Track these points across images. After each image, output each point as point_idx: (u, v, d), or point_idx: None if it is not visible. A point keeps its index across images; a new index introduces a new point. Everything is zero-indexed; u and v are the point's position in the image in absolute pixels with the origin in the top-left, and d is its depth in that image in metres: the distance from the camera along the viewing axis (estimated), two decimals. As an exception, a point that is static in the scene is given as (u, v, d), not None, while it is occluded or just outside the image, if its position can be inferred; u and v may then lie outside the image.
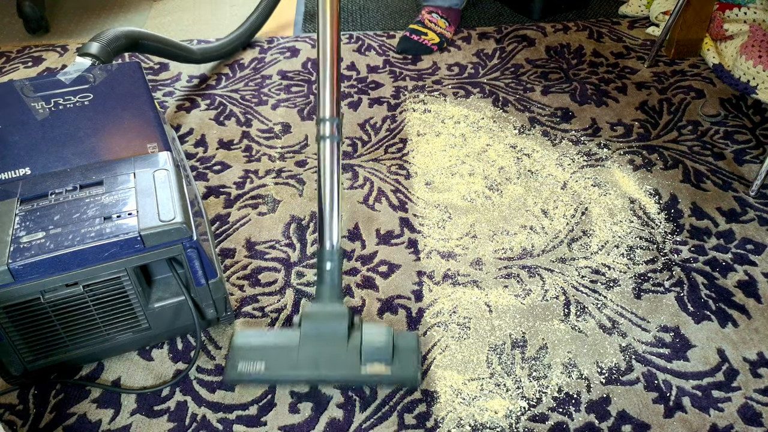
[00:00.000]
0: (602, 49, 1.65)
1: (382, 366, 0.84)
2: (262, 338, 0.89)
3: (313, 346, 0.85)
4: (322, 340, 0.85)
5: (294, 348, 0.85)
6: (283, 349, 0.85)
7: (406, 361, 0.85)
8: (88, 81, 1.08)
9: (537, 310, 1.02)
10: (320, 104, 0.95)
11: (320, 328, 0.86)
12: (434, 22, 1.66)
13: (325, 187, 0.92)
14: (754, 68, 1.42)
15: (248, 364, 0.85)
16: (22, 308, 0.82)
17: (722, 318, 1.00)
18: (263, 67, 1.60)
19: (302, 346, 0.85)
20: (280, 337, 0.88)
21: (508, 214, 1.19)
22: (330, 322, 0.86)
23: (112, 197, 0.85)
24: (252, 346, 0.86)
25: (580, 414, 0.88)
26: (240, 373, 0.84)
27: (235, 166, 1.31)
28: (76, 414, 0.89)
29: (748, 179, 1.25)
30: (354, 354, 0.84)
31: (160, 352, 0.97)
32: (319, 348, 0.85)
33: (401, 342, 0.86)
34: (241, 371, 0.84)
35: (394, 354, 0.85)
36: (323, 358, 0.84)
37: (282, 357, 0.85)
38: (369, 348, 0.84)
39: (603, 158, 1.31)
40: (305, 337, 0.85)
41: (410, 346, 0.87)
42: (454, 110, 1.45)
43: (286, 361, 0.85)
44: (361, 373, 0.84)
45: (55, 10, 1.89)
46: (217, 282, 0.91)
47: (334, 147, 0.94)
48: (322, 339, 0.85)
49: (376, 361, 0.84)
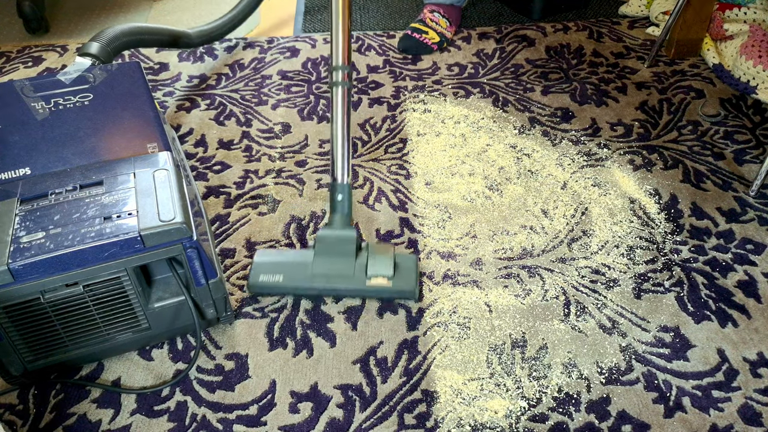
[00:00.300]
0: (602, 49, 1.65)
1: (385, 279, 0.98)
2: (281, 256, 1.03)
3: (324, 262, 0.99)
4: (333, 258, 0.99)
5: (308, 264, 0.99)
6: (298, 265, 0.99)
7: (406, 276, 0.99)
8: (88, 81, 1.08)
9: (537, 310, 1.02)
10: (333, 53, 1.06)
11: (331, 247, 0.99)
12: (436, 21, 1.66)
13: (337, 128, 1.04)
14: (754, 68, 1.42)
15: (268, 276, 0.99)
16: (22, 308, 0.82)
17: (722, 318, 1.00)
18: (263, 67, 1.61)
19: (315, 263, 0.99)
20: (296, 255, 1.02)
21: (508, 214, 1.19)
22: (340, 243, 0.99)
23: (112, 197, 0.85)
24: (272, 262, 1.01)
25: (580, 414, 0.88)
26: (261, 283, 0.99)
27: (235, 166, 1.31)
28: (76, 414, 0.89)
29: (748, 179, 1.25)
30: (360, 269, 0.98)
31: (160, 352, 0.97)
32: (330, 264, 0.99)
33: (402, 261, 1.01)
34: (262, 282, 0.99)
35: (396, 270, 0.99)
36: (333, 272, 0.98)
37: (298, 271, 0.99)
38: (374, 264, 0.98)
39: (603, 158, 1.31)
40: (318, 255, 0.99)
41: (410, 264, 1.01)
42: (454, 110, 1.45)
43: (301, 274, 0.99)
44: (366, 286, 0.98)
45: (55, 10, 1.89)
46: (217, 282, 0.91)
47: (345, 92, 1.04)
48: (333, 256, 0.99)
49: (379, 276, 0.97)
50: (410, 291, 0.99)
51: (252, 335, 0.99)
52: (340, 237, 1.00)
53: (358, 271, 0.98)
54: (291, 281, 0.99)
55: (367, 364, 0.95)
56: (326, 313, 1.02)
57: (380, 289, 0.98)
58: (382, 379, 0.93)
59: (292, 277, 0.99)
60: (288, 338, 0.98)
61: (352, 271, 0.98)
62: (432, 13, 1.68)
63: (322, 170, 1.29)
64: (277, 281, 0.99)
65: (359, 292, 1.01)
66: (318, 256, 0.99)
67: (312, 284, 0.99)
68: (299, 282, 0.99)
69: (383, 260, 0.98)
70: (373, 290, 0.99)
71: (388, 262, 0.98)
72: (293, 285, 0.99)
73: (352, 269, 0.98)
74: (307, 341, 0.98)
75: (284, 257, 1.02)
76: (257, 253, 1.03)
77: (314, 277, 0.98)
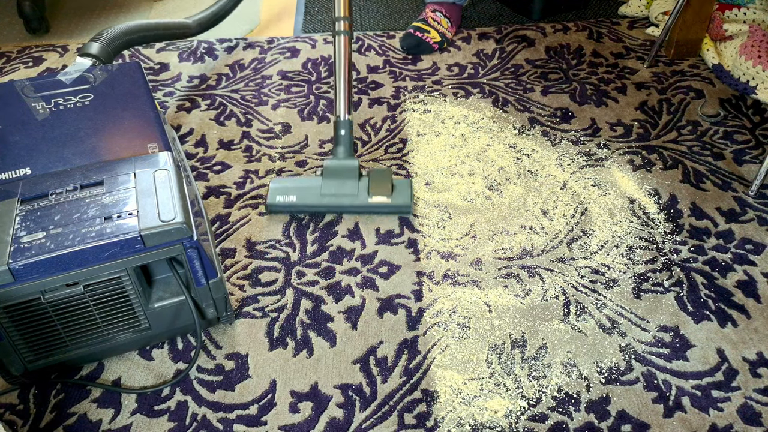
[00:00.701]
0: (602, 49, 1.65)
1: (384, 197, 1.14)
2: (293, 182, 1.18)
3: (332, 184, 1.15)
4: (339, 181, 1.15)
5: (318, 186, 1.15)
6: (309, 188, 1.16)
7: (402, 194, 1.15)
8: (88, 81, 1.08)
9: (537, 310, 1.02)
10: (335, 5, 1.22)
11: (337, 173, 1.15)
12: (437, 21, 1.66)
13: (339, 72, 1.19)
14: (754, 68, 1.42)
15: (283, 197, 1.15)
16: (23, 308, 0.82)
17: (722, 318, 1.00)
18: (263, 68, 1.61)
19: (324, 185, 1.15)
20: (306, 180, 1.18)
21: (508, 214, 1.19)
22: (344, 170, 1.16)
23: (113, 197, 0.86)
24: (286, 186, 1.17)
25: (579, 414, 0.88)
26: (278, 203, 1.15)
27: (235, 166, 1.31)
28: (76, 414, 0.90)
29: (747, 179, 1.25)
30: (363, 189, 1.15)
31: (160, 351, 0.97)
32: (337, 186, 1.15)
33: (398, 183, 1.17)
34: (279, 201, 1.15)
35: (393, 190, 1.15)
36: (340, 192, 1.15)
37: (309, 192, 1.15)
38: (374, 185, 1.15)
39: (602, 158, 1.31)
40: (326, 179, 1.15)
41: (405, 185, 1.17)
42: (454, 110, 1.45)
43: (312, 194, 1.15)
44: (368, 203, 1.14)
45: (55, 10, 1.89)
46: (217, 282, 0.91)
47: (346, 40, 1.21)
48: (339, 180, 1.15)
49: (380, 195, 1.14)
50: (406, 206, 1.15)
51: (252, 335, 0.99)
52: (344, 165, 1.17)
53: (362, 191, 1.15)
54: (303, 200, 1.15)
55: (367, 363, 0.95)
56: (326, 313, 1.02)
57: (381, 205, 1.14)
58: (382, 378, 0.93)
59: (304, 197, 1.15)
60: (288, 338, 0.98)
61: (356, 191, 1.15)
62: (434, 13, 1.68)
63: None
64: (291, 201, 1.14)
65: (363, 208, 1.16)
66: (326, 179, 1.15)
67: (321, 202, 1.15)
68: (310, 201, 1.15)
69: (383, 182, 1.15)
70: (374, 206, 1.15)
71: (387, 183, 1.15)
72: (305, 203, 1.15)
73: (356, 189, 1.15)
74: (307, 341, 0.98)
75: (296, 182, 1.18)
76: (272, 180, 1.19)
77: (323, 197, 1.15)
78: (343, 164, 1.17)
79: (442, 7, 1.70)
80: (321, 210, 1.16)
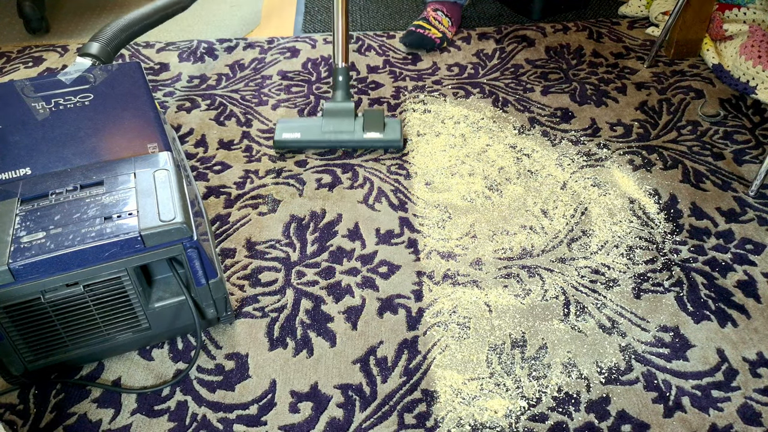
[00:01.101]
0: (602, 49, 1.65)
1: (377, 133, 1.30)
2: (298, 122, 1.33)
3: (331, 123, 1.30)
4: (338, 120, 1.30)
5: (319, 126, 1.31)
6: (311, 126, 1.31)
7: (393, 131, 1.31)
8: (88, 81, 1.08)
9: (537, 310, 1.02)
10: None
11: (336, 114, 1.31)
12: (438, 20, 1.66)
13: (337, 24, 1.32)
14: (754, 68, 1.42)
15: (289, 134, 1.30)
16: (23, 308, 0.82)
17: (722, 318, 1.00)
18: (263, 68, 1.61)
19: (324, 123, 1.31)
20: (309, 120, 1.34)
21: (508, 214, 1.19)
22: (342, 111, 1.31)
23: (113, 197, 0.86)
24: (291, 125, 1.32)
25: (579, 414, 0.88)
26: (284, 139, 1.30)
27: (235, 166, 1.31)
28: (76, 414, 0.90)
29: (747, 179, 1.25)
30: (359, 127, 1.30)
31: (160, 351, 0.97)
32: (336, 124, 1.30)
33: (389, 120, 1.33)
34: (285, 138, 1.30)
35: (385, 126, 1.31)
36: (338, 129, 1.30)
37: (311, 130, 1.31)
38: (368, 122, 1.30)
39: (602, 158, 1.31)
40: (326, 118, 1.31)
41: (396, 124, 1.33)
42: (453, 110, 1.45)
43: (314, 132, 1.31)
44: (363, 138, 1.30)
45: (55, 10, 1.89)
46: (217, 282, 0.91)
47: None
48: (337, 119, 1.30)
49: (373, 131, 1.30)
50: (396, 141, 1.30)
51: (252, 335, 0.99)
52: (342, 107, 1.32)
53: (357, 128, 1.30)
54: (306, 137, 1.30)
55: (367, 363, 0.95)
56: (326, 313, 1.02)
57: (374, 140, 1.30)
58: (382, 378, 0.93)
59: (307, 134, 1.30)
60: (288, 338, 0.98)
61: (353, 128, 1.30)
62: (435, 12, 1.68)
63: (322, 170, 1.29)
64: (296, 137, 1.29)
65: (358, 143, 1.31)
66: (326, 118, 1.30)
67: (323, 138, 1.30)
68: (313, 137, 1.30)
69: (376, 120, 1.30)
70: (368, 141, 1.30)
71: (380, 121, 1.30)
72: (308, 139, 1.30)
73: (353, 127, 1.30)
74: (307, 341, 0.98)
75: (301, 122, 1.33)
76: (279, 120, 1.33)
77: (324, 134, 1.30)
78: (341, 106, 1.31)
79: (444, 6, 1.70)
80: (322, 145, 1.31)
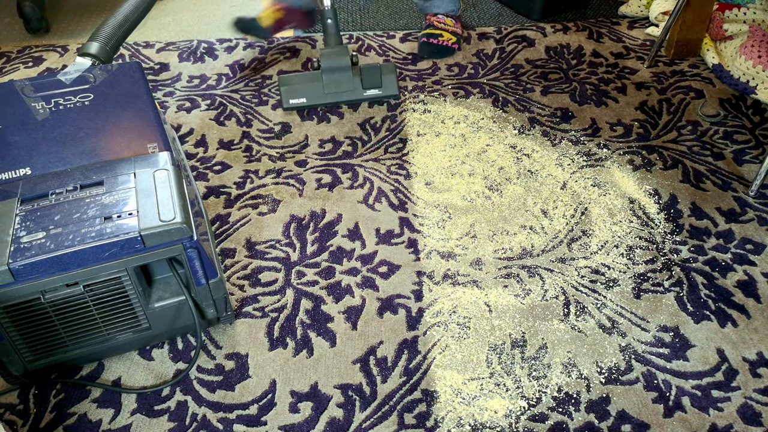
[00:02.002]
0: (602, 49, 1.65)
1: (377, 90, 1.41)
2: (299, 84, 1.40)
3: (332, 82, 1.39)
4: (337, 76, 1.39)
5: (321, 87, 1.40)
6: (314, 88, 1.40)
7: (390, 84, 1.43)
8: (88, 81, 1.08)
9: (537, 310, 1.02)
10: None
11: (334, 69, 1.39)
12: (442, 23, 1.65)
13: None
14: (754, 68, 1.42)
15: (295, 100, 1.41)
16: (23, 308, 0.82)
17: (722, 318, 1.00)
18: (263, 68, 1.61)
19: (325, 85, 1.40)
20: (310, 78, 1.41)
21: (508, 214, 1.19)
22: (340, 67, 1.38)
23: (113, 197, 0.85)
24: (295, 88, 1.40)
25: (579, 414, 0.88)
26: (292, 104, 1.40)
27: (235, 166, 1.31)
28: (76, 414, 0.90)
29: (747, 179, 1.25)
30: (358, 84, 1.41)
31: (160, 351, 0.97)
32: (336, 83, 1.40)
33: (386, 75, 1.42)
34: (292, 103, 1.41)
35: (382, 81, 1.41)
36: (339, 89, 1.41)
37: (314, 92, 1.40)
38: (366, 80, 1.40)
39: (602, 158, 1.31)
40: (326, 75, 1.39)
41: (392, 76, 1.42)
42: (454, 110, 1.45)
43: (317, 94, 1.40)
44: (364, 95, 1.42)
45: (55, 10, 1.89)
46: (217, 282, 0.91)
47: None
48: (336, 75, 1.39)
49: (372, 88, 1.41)
50: (395, 94, 1.44)
51: (252, 335, 0.99)
52: (340, 62, 1.39)
53: (357, 85, 1.41)
54: (311, 101, 1.41)
55: (367, 363, 0.95)
56: (326, 313, 1.02)
57: (374, 95, 1.42)
58: (382, 378, 0.93)
59: (312, 97, 1.40)
60: (288, 338, 0.98)
61: (353, 86, 1.40)
62: (436, 17, 1.67)
63: (322, 170, 1.29)
64: (303, 102, 1.40)
65: (360, 99, 1.43)
66: (326, 75, 1.38)
67: (326, 100, 1.41)
68: (317, 100, 1.41)
69: (373, 76, 1.40)
70: (368, 97, 1.42)
71: (377, 77, 1.40)
72: (313, 103, 1.41)
73: (353, 85, 1.40)
74: (307, 341, 0.98)
75: (303, 84, 1.40)
76: (281, 81, 1.41)
77: (327, 95, 1.40)
78: (336, 51, 1.40)
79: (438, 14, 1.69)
80: (327, 104, 1.43)
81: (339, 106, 1.46)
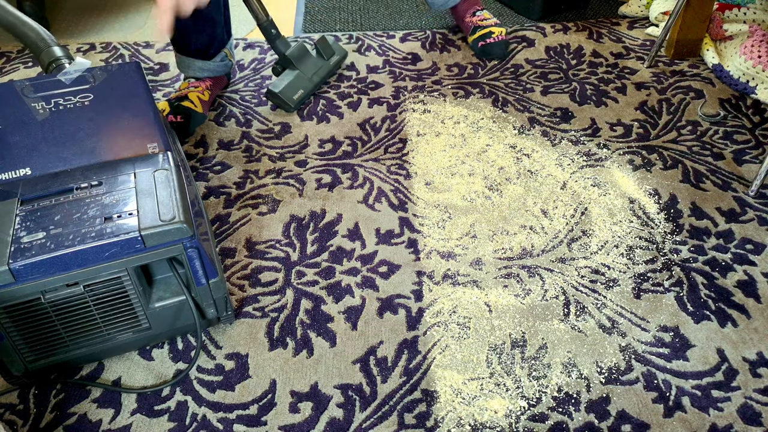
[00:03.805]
0: (602, 49, 1.65)
1: (336, 55, 1.55)
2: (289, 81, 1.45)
3: (308, 67, 1.49)
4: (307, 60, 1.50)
5: (305, 75, 1.48)
6: (301, 79, 1.47)
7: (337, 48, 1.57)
8: (88, 81, 1.08)
9: (537, 310, 1.02)
10: None
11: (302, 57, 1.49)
12: (483, 18, 1.64)
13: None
14: (754, 68, 1.42)
15: (295, 94, 1.45)
16: (23, 308, 0.82)
17: (722, 318, 1.00)
18: (263, 68, 1.61)
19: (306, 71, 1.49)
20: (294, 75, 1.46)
21: (508, 214, 1.19)
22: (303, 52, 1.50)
23: (113, 197, 0.86)
24: (290, 87, 1.44)
25: (579, 414, 0.88)
26: (295, 101, 1.44)
27: (235, 167, 1.31)
28: (76, 414, 0.90)
29: (747, 179, 1.25)
30: (322, 61, 1.52)
31: (160, 351, 0.97)
32: (312, 66, 1.50)
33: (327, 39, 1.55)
34: (296, 98, 1.44)
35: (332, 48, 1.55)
36: (317, 70, 1.50)
37: (304, 82, 1.47)
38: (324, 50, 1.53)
39: (602, 158, 1.31)
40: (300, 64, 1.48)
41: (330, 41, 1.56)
42: (453, 110, 1.45)
43: (307, 83, 1.48)
44: (331, 64, 1.54)
45: (55, 10, 1.89)
46: (217, 282, 0.91)
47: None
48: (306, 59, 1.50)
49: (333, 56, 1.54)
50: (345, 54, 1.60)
51: (252, 335, 0.99)
52: (298, 48, 1.49)
53: (321, 59, 1.52)
54: (307, 89, 1.47)
55: (367, 363, 0.95)
56: (326, 313, 1.02)
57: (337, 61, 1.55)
58: (382, 378, 0.93)
59: (304, 87, 1.47)
60: (288, 338, 0.98)
61: (321, 62, 1.52)
62: (474, 15, 1.64)
63: (322, 170, 1.29)
64: (302, 94, 1.46)
65: (333, 71, 1.55)
66: (300, 65, 1.48)
67: (315, 83, 1.49)
68: (311, 88, 1.48)
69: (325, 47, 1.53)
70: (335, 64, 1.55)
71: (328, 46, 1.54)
72: (308, 91, 1.48)
73: (321, 61, 1.52)
74: (307, 341, 0.98)
75: (292, 81, 1.45)
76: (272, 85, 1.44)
77: (313, 79, 1.49)
78: (298, 49, 1.49)
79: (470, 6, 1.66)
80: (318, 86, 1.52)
81: (338, 106, 1.46)
